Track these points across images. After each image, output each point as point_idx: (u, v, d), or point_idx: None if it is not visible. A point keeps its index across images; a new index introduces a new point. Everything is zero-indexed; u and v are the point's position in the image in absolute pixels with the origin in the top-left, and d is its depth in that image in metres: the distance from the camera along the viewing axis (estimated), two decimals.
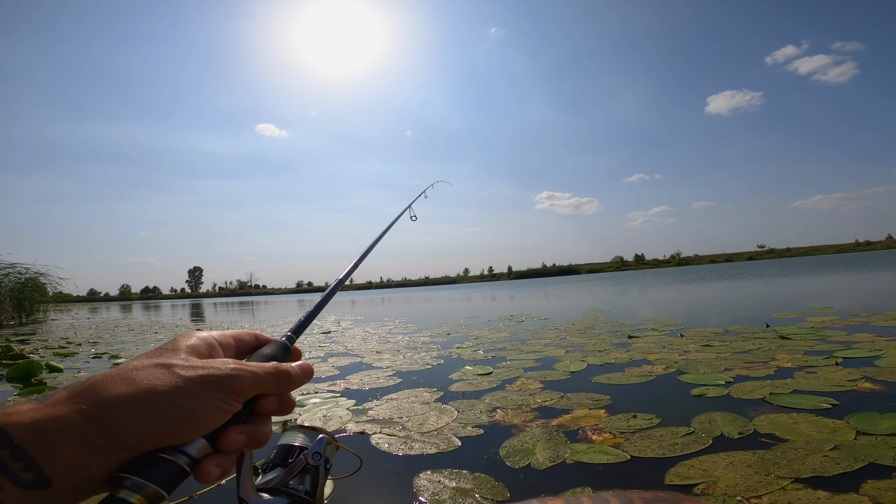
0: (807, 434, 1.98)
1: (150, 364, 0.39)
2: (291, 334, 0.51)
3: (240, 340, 0.48)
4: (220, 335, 0.47)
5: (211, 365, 0.40)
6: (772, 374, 3.01)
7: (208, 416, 0.38)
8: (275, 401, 0.44)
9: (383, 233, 0.86)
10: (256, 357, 0.46)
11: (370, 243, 0.80)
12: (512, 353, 4.48)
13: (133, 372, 0.38)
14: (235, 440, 0.40)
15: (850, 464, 1.68)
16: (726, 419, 2.23)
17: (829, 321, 5.15)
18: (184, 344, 0.43)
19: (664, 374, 3.24)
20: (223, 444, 0.39)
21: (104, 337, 9.17)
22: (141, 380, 0.37)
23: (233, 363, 0.42)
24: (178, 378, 0.38)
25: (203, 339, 0.45)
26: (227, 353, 0.46)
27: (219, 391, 0.39)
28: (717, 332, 4.90)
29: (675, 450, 1.93)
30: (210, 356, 0.44)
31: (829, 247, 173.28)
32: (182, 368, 0.39)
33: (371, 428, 2.46)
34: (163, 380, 0.37)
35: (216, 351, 0.45)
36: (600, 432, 2.19)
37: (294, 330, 0.52)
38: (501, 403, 2.77)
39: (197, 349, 0.43)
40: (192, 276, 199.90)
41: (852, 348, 3.62)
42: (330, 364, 4.49)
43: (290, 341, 0.51)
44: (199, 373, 0.39)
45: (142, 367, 0.38)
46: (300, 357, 0.51)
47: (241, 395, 0.40)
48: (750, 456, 1.81)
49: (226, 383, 0.39)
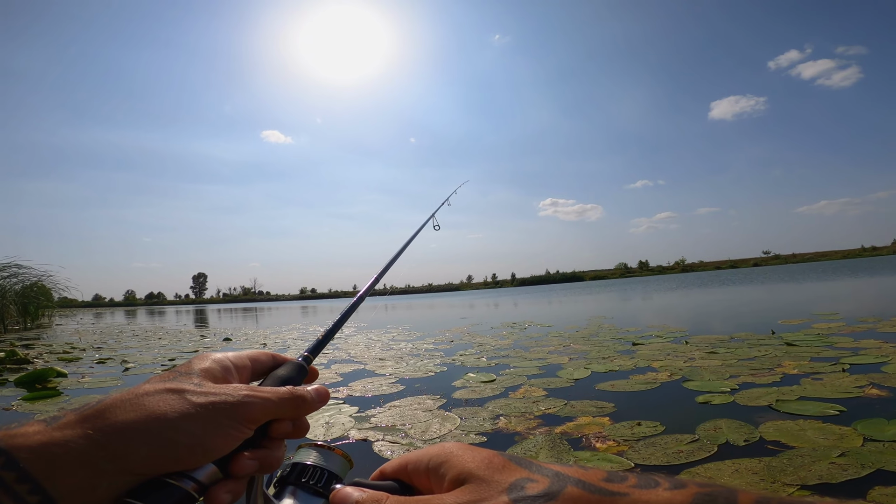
0: (813, 441, 1.96)
1: (161, 389, 0.38)
2: (308, 354, 0.51)
3: (256, 361, 0.48)
4: (235, 357, 0.46)
5: (223, 391, 0.39)
6: (778, 381, 2.98)
7: (219, 443, 0.37)
8: (289, 425, 0.43)
9: (407, 244, 0.83)
10: (271, 379, 0.46)
11: (393, 255, 0.77)
12: (515, 361, 4.47)
13: (144, 397, 0.37)
14: (247, 465, 0.39)
15: (857, 470, 1.66)
16: (732, 426, 2.21)
17: (836, 327, 5.12)
18: (198, 367, 0.42)
19: (669, 382, 3.22)
20: (234, 469, 0.39)
21: (108, 342, 9.19)
22: (151, 406, 0.36)
23: (245, 389, 0.41)
24: (188, 405, 0.37)
25: (218, 362, 0.44)
26: (243, 374, 0.46)
27: (230, 419, 0.38)
28: (723, 339, 4.87)
29: (679, 457, 1.91)
30: (225, 380, 0.43)
31: (835, 252, 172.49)
32: (193, 395, 0.38)
33: (374, 435, 2.45)
34: (173, 406, 0.37)
35: (231, 374, 0.44)
36: (604, 440, 2.17)
37: (311, 350, 0.51)
38: (505, 411, 2.76)
39: (211, 373, 0.42)
40: (197, 281, 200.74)
41: (859, 354, 3.59)
42: (333, 371, 4.49)
43: (307, 362, 0.50)
44: (211, 399, 0.38)
45: (153, 392, 0.38)
46: (316, 377, 0.50)
47: (254, 422, 0.40)
48: (756, 463, 1.79)
49: (238, 411, 0.39)
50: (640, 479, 0.33)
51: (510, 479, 0.34)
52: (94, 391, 4.16)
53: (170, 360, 6.08)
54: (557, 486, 0.32)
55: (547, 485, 0.32)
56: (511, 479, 0.34)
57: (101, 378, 4.82)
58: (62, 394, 3.95)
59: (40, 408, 3.48)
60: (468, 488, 0.34)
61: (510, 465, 0.35)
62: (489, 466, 0.35)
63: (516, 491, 0.32)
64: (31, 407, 3.50)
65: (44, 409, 3.46)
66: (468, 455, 0.37)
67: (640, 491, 0.31)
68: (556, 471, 0.34)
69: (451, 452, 0.38)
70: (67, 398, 3.84)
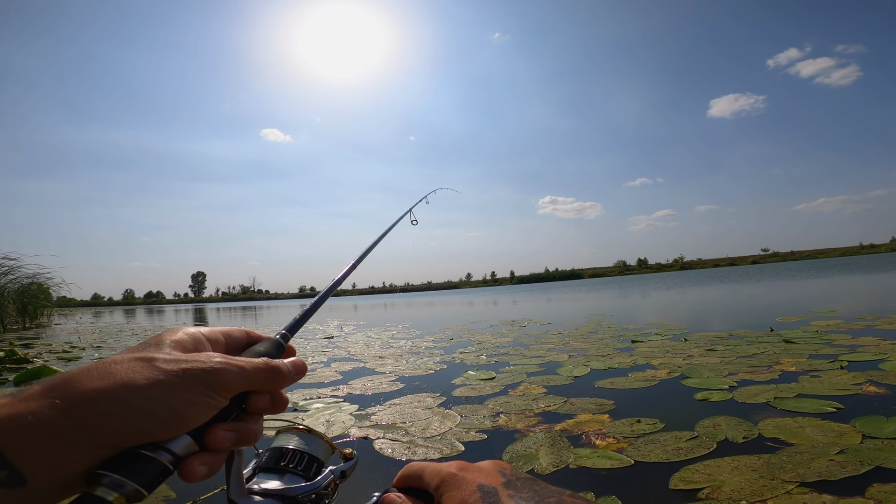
0: (812, 438, 1.97)
1: (129, 358, 0.37)
2: (286, 332, 0.50)
3: (230, 337, 0.46)
4: (208, 331, 0.45)
5: (195, 358, 0.38)
6: (776, 378, 2.99)
7: (192, 411, 0.36)
8: (266, 398, 0.42)
9: (382, 235, 0.85)
10: (248, 354, 0.44)
11: (368, 246, 0.79)
12: (515, 358, 4.48)
13: (111, 366, 0.36)
14: (223, 438, 0.38)
15: (856, 467, 1.67)
16: (731, 423, 2.22)
17: (834, 325, 5.13)
18: (168, 339, 0.41)
19: (668, 379, 3.23)
20: (210, 441, 0.37)
21: (108, 341, 9.19)
22: (119, 373, 0.35)
23: (219, 357, 0.40)
24: (158, 371, 0.36)
25: (189, 335, 0.43)
26: (216, 348, 0.44)
27: (203, 385, 0.37)
28: (721, 337, 4.88)
29: (679, 454, 1.92)
30: (196, 351, 0.41)
31: (833, 250, 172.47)
32: (164, 362, 0.37)
33: (374, 433, 2.46)
34: (142, 373, 0.35)
35: (203, 346, 0.43)
36: (604, 437, 2.18)
37: (289, 328, 0.50)
38: (505, 408, 2.77)
39: (182, 344, 0.41)
40: (196, 280, 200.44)
41: (857, 352, 3.60)
42: (333, 369, 4.49)
43: (285, 339, 0.49)
44: (182, 366, 0.37)
45: (121, 361, 0.36)
46: (294, 356, 0.49)
47: (228, 390, 0.38)
48: (755, 460, 1.80)
49: (210, 377, 0.37)
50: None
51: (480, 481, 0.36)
52: None
53: None
54: None
55: None
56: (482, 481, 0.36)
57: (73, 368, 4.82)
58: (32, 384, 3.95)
59: None
60: None
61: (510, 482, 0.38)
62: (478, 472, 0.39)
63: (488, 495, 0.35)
64: None
65: None
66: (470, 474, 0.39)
67: None
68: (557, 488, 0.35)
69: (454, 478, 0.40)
70: None
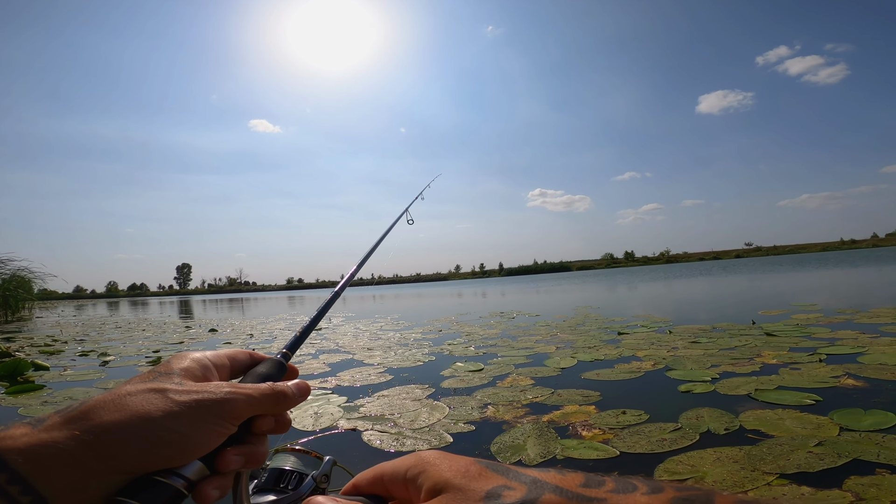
0: (791, 430, 2.02)
1: (143, 389, 0.39)
2: (287, 351, 0.51)
3: (234, 360, 0.48)
4: (213, 355, 0.47)
5: (205, 389, 0.40)
6: (757, 371, 3.06)
7: (204, 439, 0.38)
8: (271, 420, 0.44)
9: (379, 240, 0.83)
10: (251, 376, 0.46)
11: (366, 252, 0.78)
12: (503, 350, 4.51)
13: (126, 398, 0.38)
14: (233, 461, 0.40)
15: (833, 460, 1.72)
16: (713, 415, 2.27)
17: (814, 318, 5.24)
18: (177, 367, 0.43)
19: (653, 371, 3.28)
20: (220, 465, 0.40)
21: (91, 335, 9.06)
22: (134, 405, 0.37)
23: (228, 386, 0.41)
24: (172, 403, 0.38)
25: (197, 361, 0.44)
26: (222, 373, 0.46)
27: (214, 415, 0.39)
28: (705, 329, 4.97)
29: (663, 445, 1.96)
30: (205, 378, 0.43)
31: (815, 245, 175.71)
32: (176, 393, 0.39)
33: (363, 425, 2.47)
34: (157, 405, 0.37)
35: (211, 373, 0.45)
36: (590, 428, 2.21)
37: (289, 346, 0.52)
38: (493, 400, 2.79)
39: (191, 372, 0.43)
40: (181, 272, 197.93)
41: (836, 345, 3.69)
42: (321, 361, 4.48)
43: (286, 358, 0.50)
44: (194, 397, 0.39)
45: (135, 393, 0.38)
46: (296, 375, 0.51)
47: (237, 417, 0.41)
48: (736, 451, 1.84)
49: (221, 407, 0.39)
50: (617, 484, 0.32)
51: (487, 487, 0.33)
52: (76, 384, 4.11)
53: (154, 352, 6.02)
54: (535, 493, 0.32)
55: (524, 492, 0.32)
56: (488, 487, 0.33)
57: (83, 371, 4.76)
58: (45, 387, 3.90)
59: (24, 401, 3.43)
60: (445, 498, 0.34)
61: (487, 472, 0.35)
62: (466, 475, 0.35)
63: (493, 499, 0.32)
64: (15, 401, 3.45)
65: (27, 402, 3.41)
66: (445, 464, 0.36)
67: (617, 496, 0.31)
68: (533, 477, 0.33)
69: (427, 461, 0.37)
70: (50, 391, 3.79)
